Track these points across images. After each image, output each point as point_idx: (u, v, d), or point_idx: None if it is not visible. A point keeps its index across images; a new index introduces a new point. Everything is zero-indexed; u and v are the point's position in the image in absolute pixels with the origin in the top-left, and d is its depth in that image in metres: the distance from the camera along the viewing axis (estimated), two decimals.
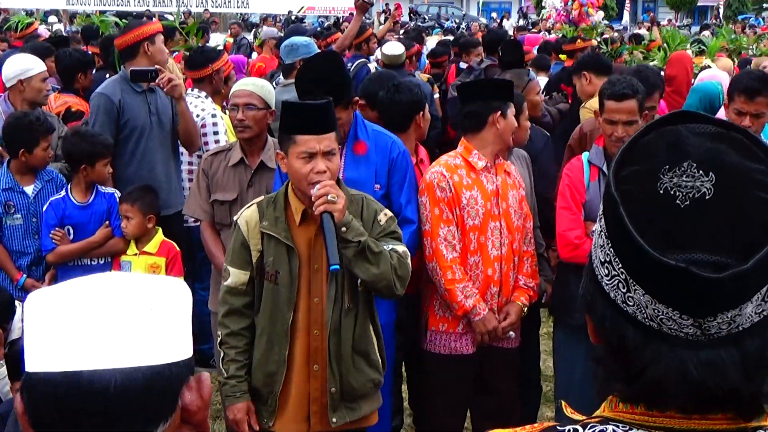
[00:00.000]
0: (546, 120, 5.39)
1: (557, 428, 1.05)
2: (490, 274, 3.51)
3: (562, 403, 1.19)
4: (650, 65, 6.18)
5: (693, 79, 6.82)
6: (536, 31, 18.25)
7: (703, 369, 0.93)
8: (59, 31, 13.38)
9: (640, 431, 0.99)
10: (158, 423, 1.04)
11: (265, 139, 3.86)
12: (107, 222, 4.12)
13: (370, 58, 7.96)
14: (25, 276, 4.11)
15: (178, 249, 4.17)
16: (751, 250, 0.90)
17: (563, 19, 15.99)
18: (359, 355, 2.97)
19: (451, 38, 12.74)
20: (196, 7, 16.44)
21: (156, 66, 4.51)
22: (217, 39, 12.62)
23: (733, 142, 0.97)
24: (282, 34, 10.76)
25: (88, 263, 4.13)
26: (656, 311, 0.94)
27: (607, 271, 0.99)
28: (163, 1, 17.73)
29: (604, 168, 3.54)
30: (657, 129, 1.00)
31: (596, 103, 3.77)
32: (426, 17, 28.13)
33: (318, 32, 12.70)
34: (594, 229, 1.05)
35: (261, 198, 2.99)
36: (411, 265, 2.97)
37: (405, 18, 20.27)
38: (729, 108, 3.84)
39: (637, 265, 0.94)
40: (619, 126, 3.51)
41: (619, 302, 0.98)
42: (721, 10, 31.31)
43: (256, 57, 10.63)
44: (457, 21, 28.27)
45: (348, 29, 6.80)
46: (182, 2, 16.13)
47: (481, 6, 42.19)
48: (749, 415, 0.99)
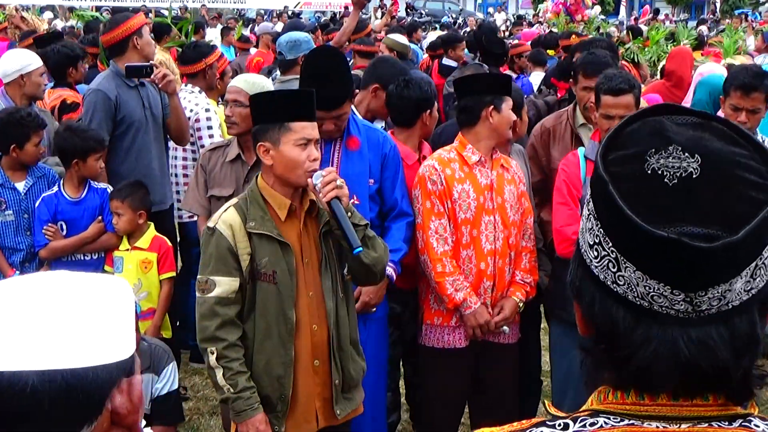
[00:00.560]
0: (530, 114, 5.44)
1: (547, 423, 1.05)
2: (483, 268, 3.51)
3: (546, 402, 1.19)
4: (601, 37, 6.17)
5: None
6: (528, 25, 18.31)
7: (694, 347, 0.94)
8: (55, 26, 13.40)
9: (631, 421, 0.99)
10: (81, 425, 1.04)
11: None
12: (100, 217, 4.11)
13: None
14: (17, 272, 4.09)
15: (170, 244, 4.16)
16: (740, 223, 0.91)
17: (559, 10, 15.95)
18: (353, 345, 2.98)
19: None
20: (192, 2, 16.40)
21: (150, 62, 4.50)
22: (214, 34, 12.60)
23: (715, 130, 0.99)
24: (278, 29, 10.79)
25: (82, 258, 4.13)
26: (647, 288, 0.94)
27: (596, 253, 0.99)
28: None
29: None
30: (641, 119, 1.02)
31: None
32: (422, 12, 28.10)
33: (321, 25, 12.72)
34: (582, 214, 1.05)
35: (233, 200, 2.87)
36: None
37: (402, 13, 20.26)
38: (725, 103, 3.89)
39: (627, 241, 0.95)
40: (616, 121, 3.48)
41: (609, 283, 0.98)
42: (718, 5, 31.35)
43: (254, 52, 10.65)
44: (454, 16, 28.25)
45: (345, 25, 6.79)
46: None
47: (479, 1, 42.20)
48: (739, 397, 1.00)
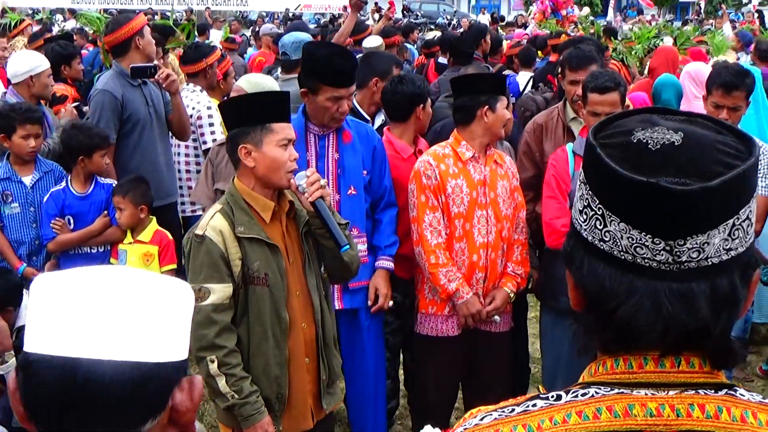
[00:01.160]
0: (530, 109, 5.61)
1: (540, 396, 1.11)
2: (476, 260, 3.60)
3: (539, 387, 1.26)
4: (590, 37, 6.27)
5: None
6: (518, 25, 18.43)
7: (675, 300, 0.99)
8: (64, 28, 13.64)
9: (621, 390, 1.03)
10: (146, 419, 1.05)
11: None
12: (105, 212, 4.22)
13: None
14: (24, 265, 4.22)
15: (170, 238, 4.25)
16: (716, 177, 0.97)
17: (545, 8, 15.98)
18: (333, 340, 3.04)
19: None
20: (197, 5, 16.39)
21: (154, 62, 4.64)
22: (217, 36, 12.69)
23: (701, 124, 1.07)
24: (280, 30, 10.92)
25: (88, 251, 4.24)
26: (631, 240, 1.00)
27: (585, 217, 1.06)
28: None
29: None
30: (630, 115, 1.11)
31: None
32: (418, 14, 28.16)
33: (323, 26, 12.93)
34: (575, 197, 1.13)
35: (216, 206, 2.84)
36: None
37: (398, 15, 20.31)
38: (707, 101, 3.91)
39: (611, 193, 1.01)
40: (602, 118, 3.59)
41: (596, 242, 1.04)
42: (702, 6, 31.29)
43: (255, 52, 10.85)
44: (449, 17, 28.29)
45: (343, 27, 6.88)
46: (183, 0, 16.14)
47: (472, 3, 42.22)
48: (721, 361, 1.04)
